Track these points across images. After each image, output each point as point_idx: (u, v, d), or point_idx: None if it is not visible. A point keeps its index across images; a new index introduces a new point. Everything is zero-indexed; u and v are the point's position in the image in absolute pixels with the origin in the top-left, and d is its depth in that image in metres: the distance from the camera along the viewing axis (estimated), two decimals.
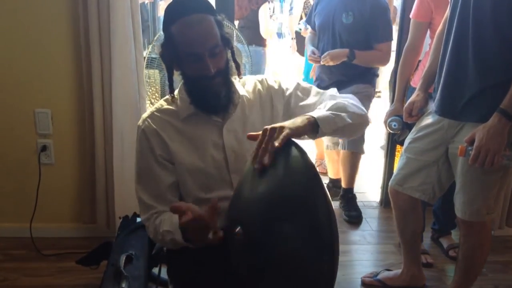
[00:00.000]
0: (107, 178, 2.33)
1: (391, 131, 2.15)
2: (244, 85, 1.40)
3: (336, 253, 1.03)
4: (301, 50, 4.28)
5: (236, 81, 1.37)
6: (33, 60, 2.22)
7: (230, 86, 1.30)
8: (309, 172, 1.04)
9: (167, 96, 1.37)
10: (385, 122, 2.13)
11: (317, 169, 1.12)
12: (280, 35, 6.14)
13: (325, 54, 2.64)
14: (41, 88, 2.26)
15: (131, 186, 1.40)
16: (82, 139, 2.33)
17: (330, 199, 1.06)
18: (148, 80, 2.32)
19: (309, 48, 2.85)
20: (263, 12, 3.84)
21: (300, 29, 4.17)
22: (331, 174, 3.14)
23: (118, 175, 2.26)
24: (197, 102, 1.28)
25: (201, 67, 1.21)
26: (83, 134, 2.32)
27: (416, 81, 2.18)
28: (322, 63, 2.68)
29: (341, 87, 2.61)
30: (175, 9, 1.23)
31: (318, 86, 2.67)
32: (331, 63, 2.64)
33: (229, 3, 2.49)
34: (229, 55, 1.30)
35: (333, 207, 1.06)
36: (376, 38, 2.61)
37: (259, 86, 1.40)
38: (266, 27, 3.84)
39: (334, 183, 3.11)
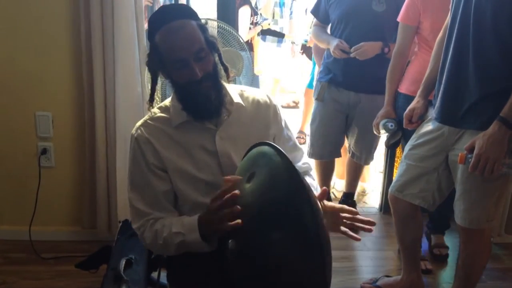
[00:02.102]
0: (108, 182, 2.32)
1: (386, 132, 2.15)
2: (243, 93, 1.39)
3: (325, 252, 1.02)
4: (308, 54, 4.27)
5: (231, 87, 1.36)
6: (34, 62, 2.23)
7: (220, 89, 1.29)
8: (290, 175, 1.04)
9: (160, 104, 1.37)
10: (376, 124, 2.13)
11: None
12: (280, 40, 6.15)
13: (360, 45, 2.34)
14: (42, 91, 2.26)
15: None
16: (83, 142, 2.33)
17: (317, 200, 1.06)
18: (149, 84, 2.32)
19: (330, 40, 2.47)
20: (242, 15, 3.79)
21: (306, 41, 4.17)
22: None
23: (121, 179, 2.25)
24: (188, 107, 1.28)
25: (188, 72, 1.22)
26: (84, 137, 2.31)
27: (403, 87, 2.19)
28: (353, 55, 2.37)
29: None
30: (157, 18, 1.24)
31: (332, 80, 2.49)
32: (362, 57, 2.35)
33: (230, 9, 2.50)
34: (217, 59, 1.31)
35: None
36: None
37: (265, 101, 1.40)
38: (246, 32, 3.81)
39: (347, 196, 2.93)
